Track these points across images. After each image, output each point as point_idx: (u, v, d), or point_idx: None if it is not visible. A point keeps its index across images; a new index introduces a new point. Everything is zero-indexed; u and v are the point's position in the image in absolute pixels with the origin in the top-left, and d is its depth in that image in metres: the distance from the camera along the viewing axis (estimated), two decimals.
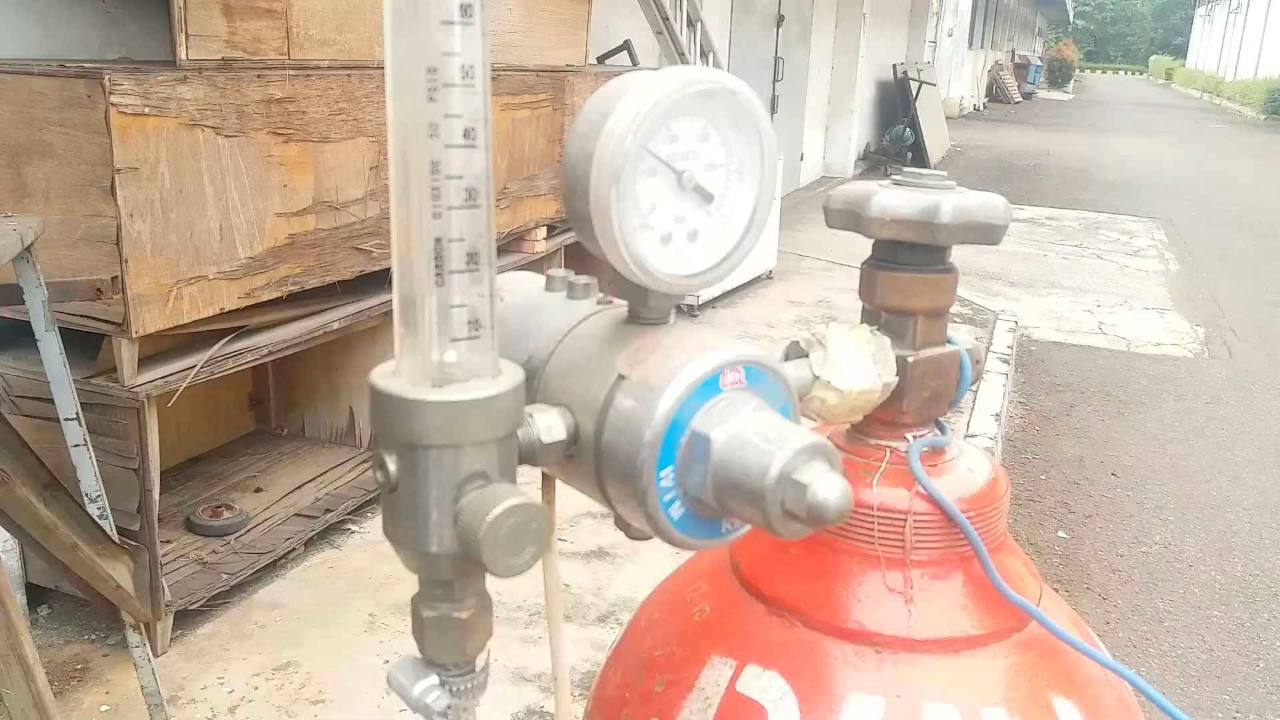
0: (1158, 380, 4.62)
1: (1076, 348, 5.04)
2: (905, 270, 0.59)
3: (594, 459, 0.34)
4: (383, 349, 2.99)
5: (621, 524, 0.35)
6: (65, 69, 2.00)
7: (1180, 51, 64.29)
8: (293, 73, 2.39)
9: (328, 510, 2.72)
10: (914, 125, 10.79)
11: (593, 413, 0.34)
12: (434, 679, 0.33)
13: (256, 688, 2.10)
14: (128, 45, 2.66)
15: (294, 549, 2.59)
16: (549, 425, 0.34)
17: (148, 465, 2.18)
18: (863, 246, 0.59)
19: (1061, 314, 5.64)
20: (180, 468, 2.91)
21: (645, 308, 0.35)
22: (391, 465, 0.30)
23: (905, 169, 0.56)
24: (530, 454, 0.33)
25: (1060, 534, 3.12)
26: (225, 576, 2.37)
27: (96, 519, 1.77)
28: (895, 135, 10.64)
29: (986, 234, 0.54)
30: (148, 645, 1.91)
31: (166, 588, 2.22)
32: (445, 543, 0.30)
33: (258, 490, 2.84)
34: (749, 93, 0.34)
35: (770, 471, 0.31)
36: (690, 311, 4.82)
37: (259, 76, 2.29)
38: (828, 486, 0.30)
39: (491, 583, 0.33)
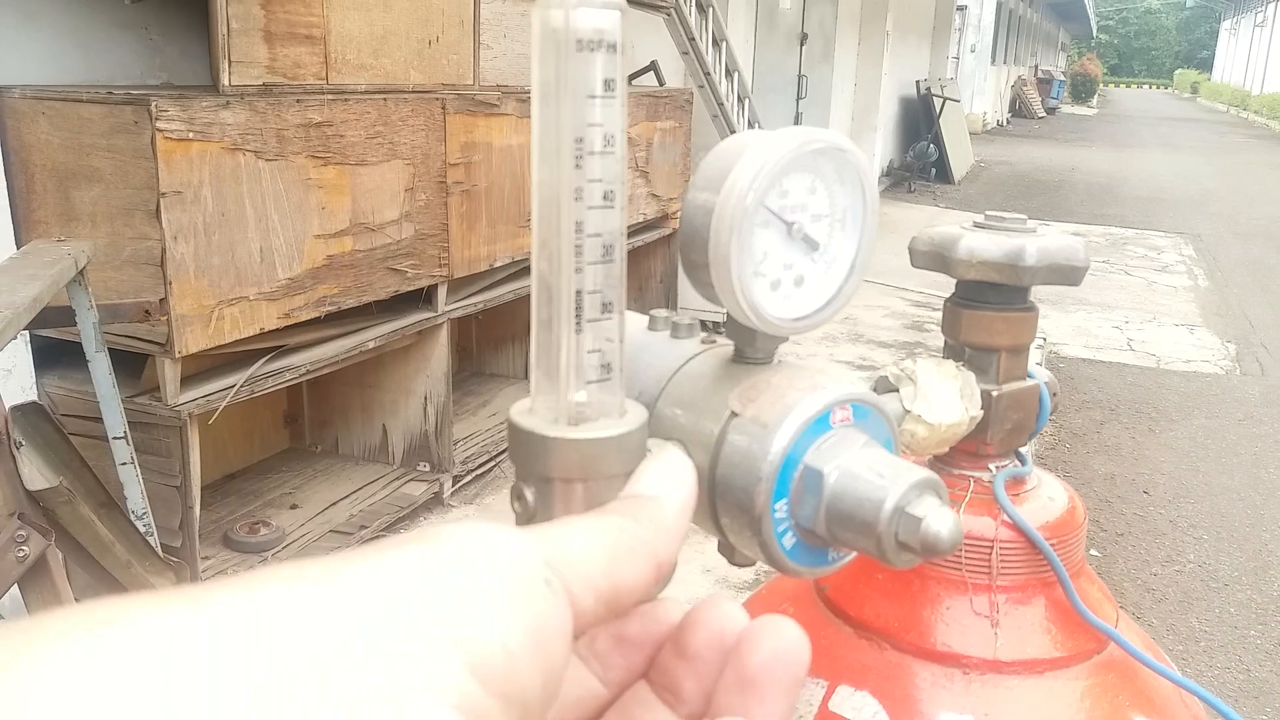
0: (1189, 397, 4.59)
1: (1106, 364, 5.02)
2: (989, 309, 0.61)
3: (709, 491, 0.36)
4: (415, 367, 3.03)
5: (726, 550, 0.37)
6: (112, 96, 2.05)
7: (1206, 65, 63.92)
8: (330, 97, 2.44)
9: (363, 526, 2.75)
10: (938, 141, 10.79)
11: (706, 448, 0.36)
12: None
13: None
14: (168, 71, 2.72)
15: None
16: None
17: (189, 483, 2.22)
18: (890, 263, 0.62)
19: (1090, 330, 5.61)
20: (216, 485, 2.95)
21: (753, 348, 0.38)
22: (530, 496, 0.32)
23: (987, 212, 0.59)
24: None
25: (1093, 552, 3.11)
26: None
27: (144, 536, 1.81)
28: (919, 151, 10.64)
29: (1068, 275, 0.57)
30: None
31: None
32: None
33: (293, 507, 2.87)
34: (855, 150, 0.36)
35: (885, 505, 0.33)
36: (716, 329, 4.83)
37: (298, 101, 2.33)
38: (940, 520, 0.32)
39: None
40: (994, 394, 0.60)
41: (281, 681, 0.18)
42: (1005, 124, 22.66)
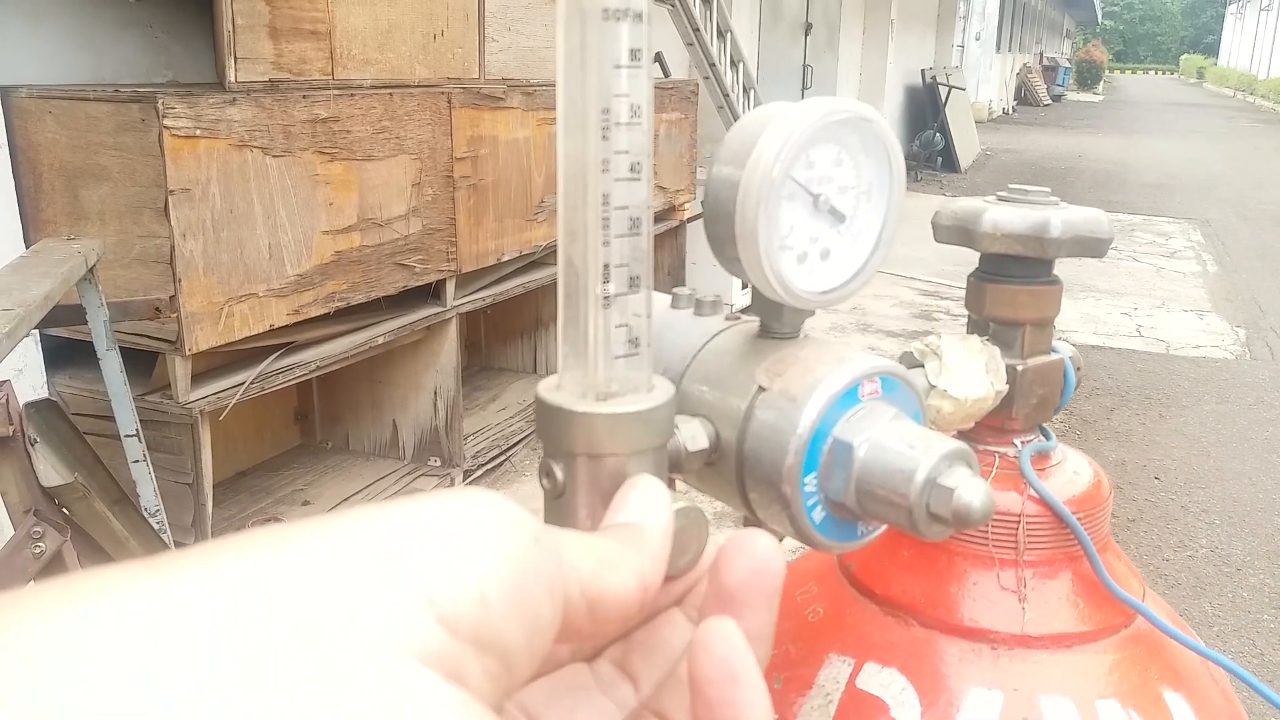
0: (1199, 383, 4.58)
1: (1115, 351, 5.00)
2: (1013, 283, 0.61)
3: (737, 467, 0.36)
4: (424, 363, 3.03)
5: (753, 527, 0.37)
6: (119, 94, 2.05)
7: (1212, 50, 63.67)
8: (336, 93, 2.44)
9: None
10: (944, 130, 10.76)
11: (734, 423, 0.36)
12: None
13: None
14: (174, 69, 2.72)
15: None
16: (693, 434, 0.36)
17: (201, 480, 2.22)
18: (897, 252, 0.61)
19: (1098, 317, 5.59)
20: (228, 482, 2.95)
21: (779, 322, 0.38)
22: (559, 473, 0.32)
23: (1010, 185, 0.59)
24: (676, 462, 0.36)
25: None
26: None
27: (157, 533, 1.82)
28: (925, 140, 10.60)
29: (1093, 248, 0.57)
30: None
31: None
32: None
33: (305, 503, 2.88)
34: (881, 120, 0.36)
35: (916, 477, 0.33)
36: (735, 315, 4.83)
37: (304, 97, 2.33)
38: (972, 490, 0.32)
39: None
40: (1019, 368, 0.60)
41: (249, 666, 0.18)
42: (1011, 112, 22.57)
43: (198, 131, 2.06)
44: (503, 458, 3.28)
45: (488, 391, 3.75)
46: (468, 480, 3.10)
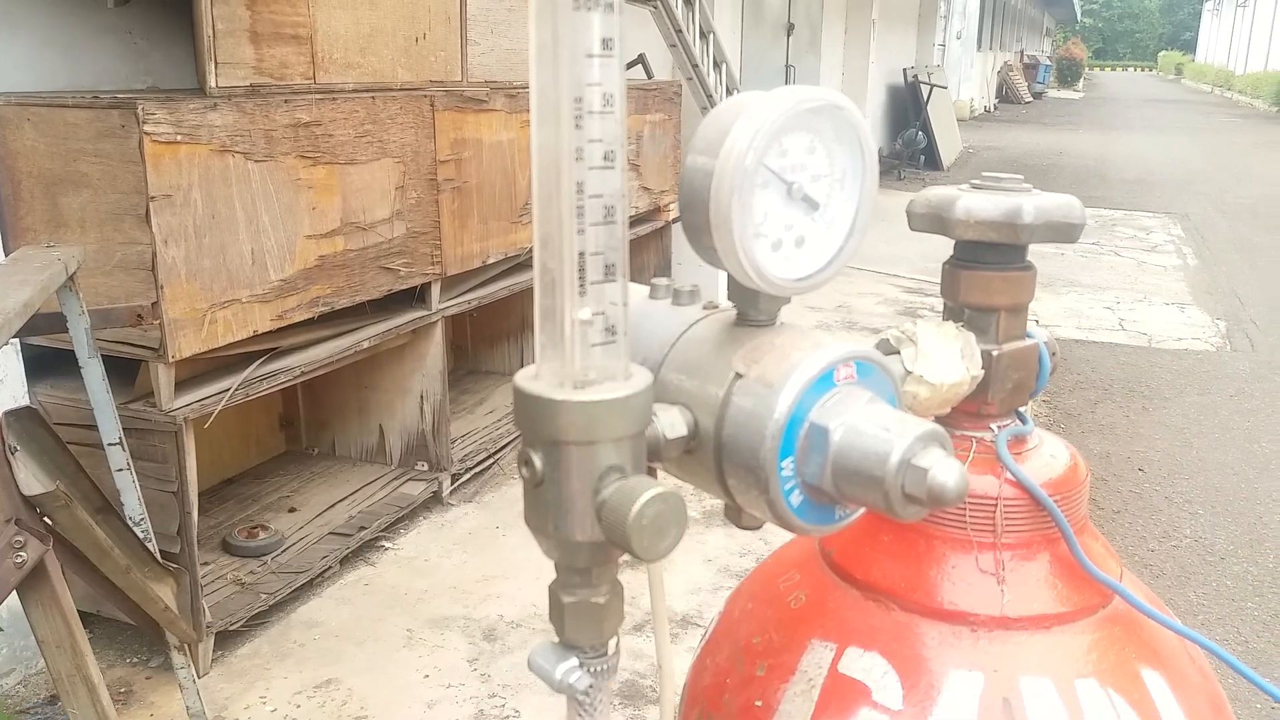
0: (1181, 375, 4.61)
1: (1098, 345, 5.03)
2: (988, 269, 0.62)
3: (715, 453, 0.36)
4: (410, 366, 3.02)
5: (733, 514, 0.38)
6: (99, 100, 2.04)
7: (1189, 46, 64.16)
8: (318, 97, 2.43)
9: (362, 528, 2.75)
10: (926, 129, 10.80)
11: (712, 410, 0.36)
12: (574, 661, 0.36)
13: (299, 706, 2.12)
14: (153, 75, 2.71)
15: (329, 567, 2.61)
16: (671, 422, 0.36)
17: (186, 488, 2.21)
18: (881, 250, 0.62)
19: (1081, 311, 5.63)
20: (214, 490, 2.94)
21: (756, 310, 0.38)
22: (537, 461, 0.32)
23: (984, 174, 0.59)
24: (655, 450, 0.36)
25: None
26: (263, 596, 2.40)
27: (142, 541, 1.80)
28: (908, 139, 10.64)
29: (1065, 233, 0.57)
30: (193, 666, 1.93)
31: (206, 609, 2.25)
32: (587, 531, 0.32)
33: (291, 510, 2.87)
34: (853, 108, 0.36)
35: (892, 458, 0.33)
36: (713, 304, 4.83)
37: (286, 101, 2.32)
38: (946, 470, 0.32)
39: None
40: (994, 354, 0.61)
41: None
42: (992, 110, 22.68)
43: (178, 137, 2.05)
44: (490, 461, 3.28)
45: (475, 395, 3.74)
46: (455, 484, 3.10)
